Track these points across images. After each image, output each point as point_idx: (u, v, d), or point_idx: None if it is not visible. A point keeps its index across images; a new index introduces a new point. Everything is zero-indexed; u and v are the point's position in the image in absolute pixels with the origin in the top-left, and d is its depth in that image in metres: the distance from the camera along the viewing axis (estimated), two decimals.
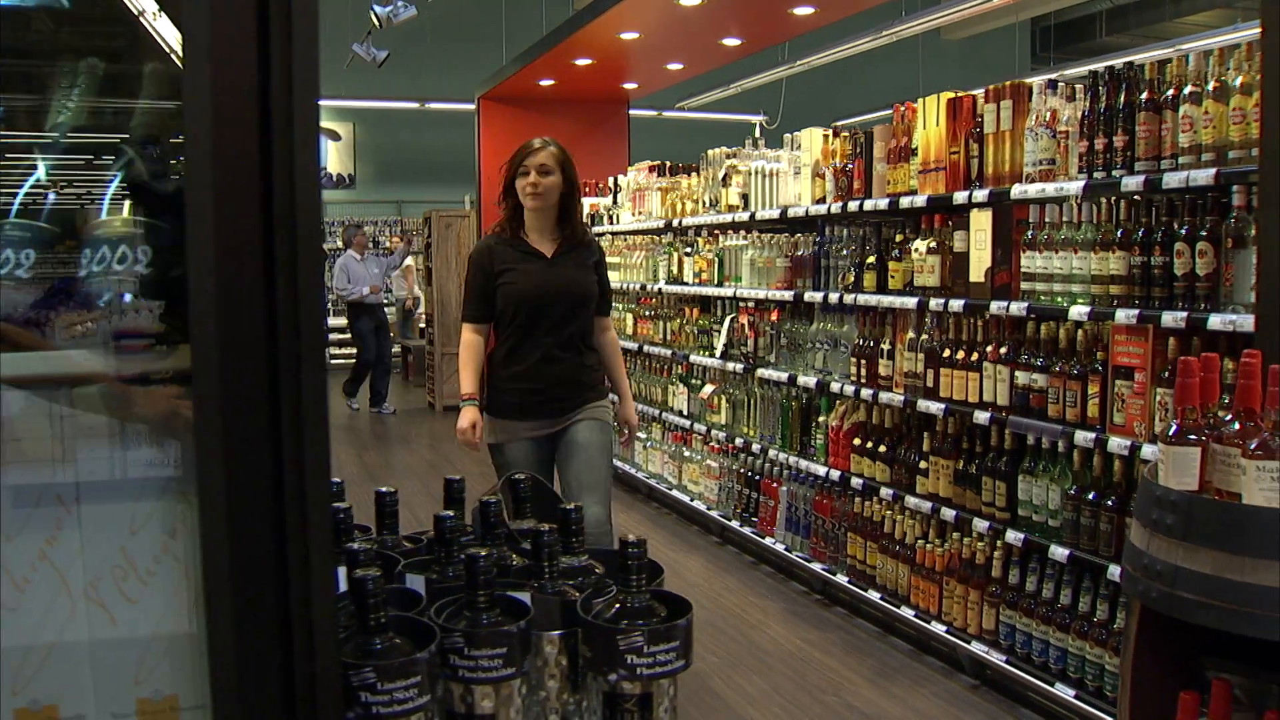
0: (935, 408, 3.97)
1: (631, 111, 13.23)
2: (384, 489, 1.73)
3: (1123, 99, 3.22)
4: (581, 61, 8.49)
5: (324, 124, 15.09)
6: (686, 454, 6.09)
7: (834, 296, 4.59)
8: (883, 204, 4.28)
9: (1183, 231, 3.03)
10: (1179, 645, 2.21)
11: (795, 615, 4.49)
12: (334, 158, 15.21)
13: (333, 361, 14.82)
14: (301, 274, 1.03)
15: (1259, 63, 2.73)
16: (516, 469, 3.19)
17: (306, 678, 1.06)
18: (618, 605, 1.32)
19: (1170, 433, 2.13)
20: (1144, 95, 3.15)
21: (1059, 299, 3.45)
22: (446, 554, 1.48)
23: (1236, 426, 2.08)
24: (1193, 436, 2.10)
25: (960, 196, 3.85)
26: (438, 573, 1.48)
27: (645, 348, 6.68)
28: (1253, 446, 1.98)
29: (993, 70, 14.44)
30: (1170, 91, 3.09)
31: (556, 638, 1.36)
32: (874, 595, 4.27)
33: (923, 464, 4.10)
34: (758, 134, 13.73)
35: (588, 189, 8.07)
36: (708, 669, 3.92)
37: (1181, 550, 2.01)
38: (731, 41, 7.73)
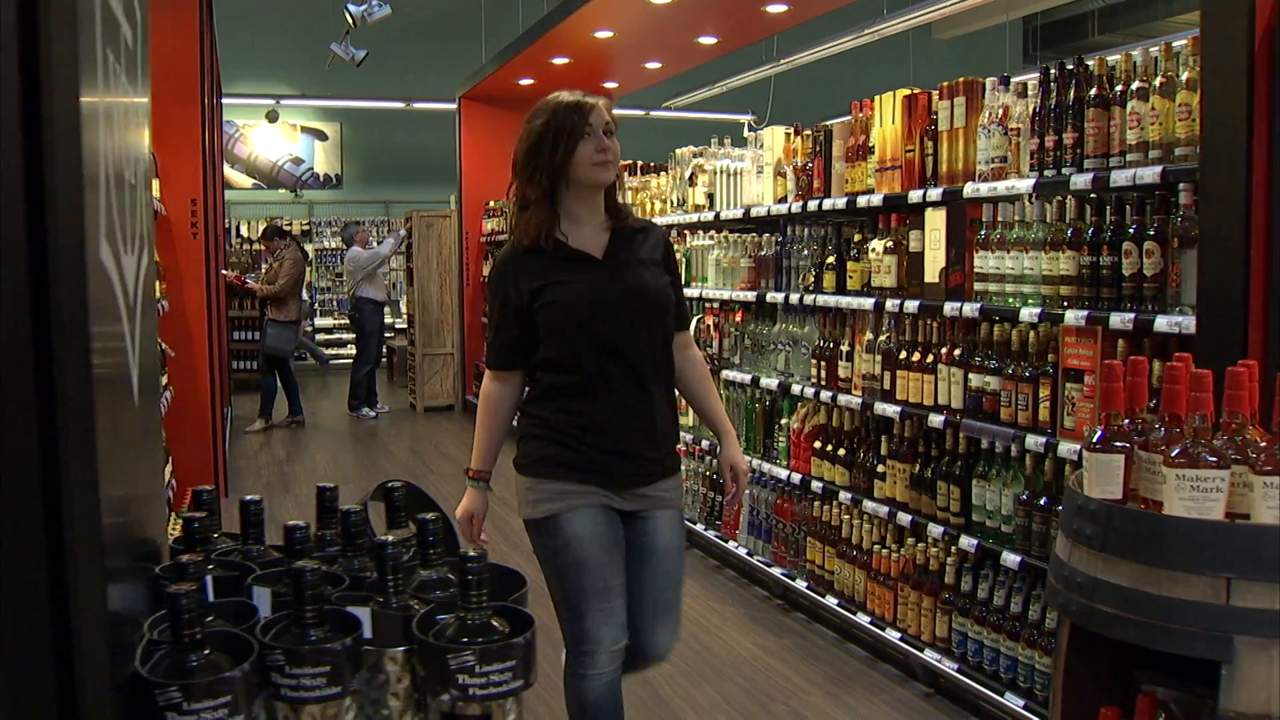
0: (891, 410, 3.89)
1: (617, 111, 13.20)
2: (250, 497, 1.66)
3: (1072, 95, 3.15)
4: (559, 61, 8.43)
5: (310, 124, 15.11)
6: None
7: (795, 297, 4.51)
8: (841, 203, 4.21)
9: (1131, 230, 2.96)
10: (1112, 658, 2.14)
11: (754, 621, 4.41)
12: (321, 158, 15.13)
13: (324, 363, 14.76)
14: (65, 277, 0.96)
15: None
16: (585, 551, 2.38)
17: (84, 695, 0.99)
18: (457, 622, 1.25)
19: (1094, 439, 2.06)
20: (1093, 91, 3.08)
21: (1011, 300, 3.37)
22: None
23: (1162, 433, 2.02)
24: (1117, 443, 2.04)
25: (915, 195, 3.78)
26: (288, 586, 1.41)
27: None
28: (1174, 454, 1.91)
29: (984, 69, 14.21)
30: (1119, 88, 3.02)
31: (400, 655, 1.29)
32: (831, 601, 4.20)
33: (880, 468, 4.02)
34: (747, 133, 13.68)
35: None
36: (658, 676, 3.85)
37: (1101, 562, 1.94)
38: (707, 40, 7.67)
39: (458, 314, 10.49)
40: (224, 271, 9.99)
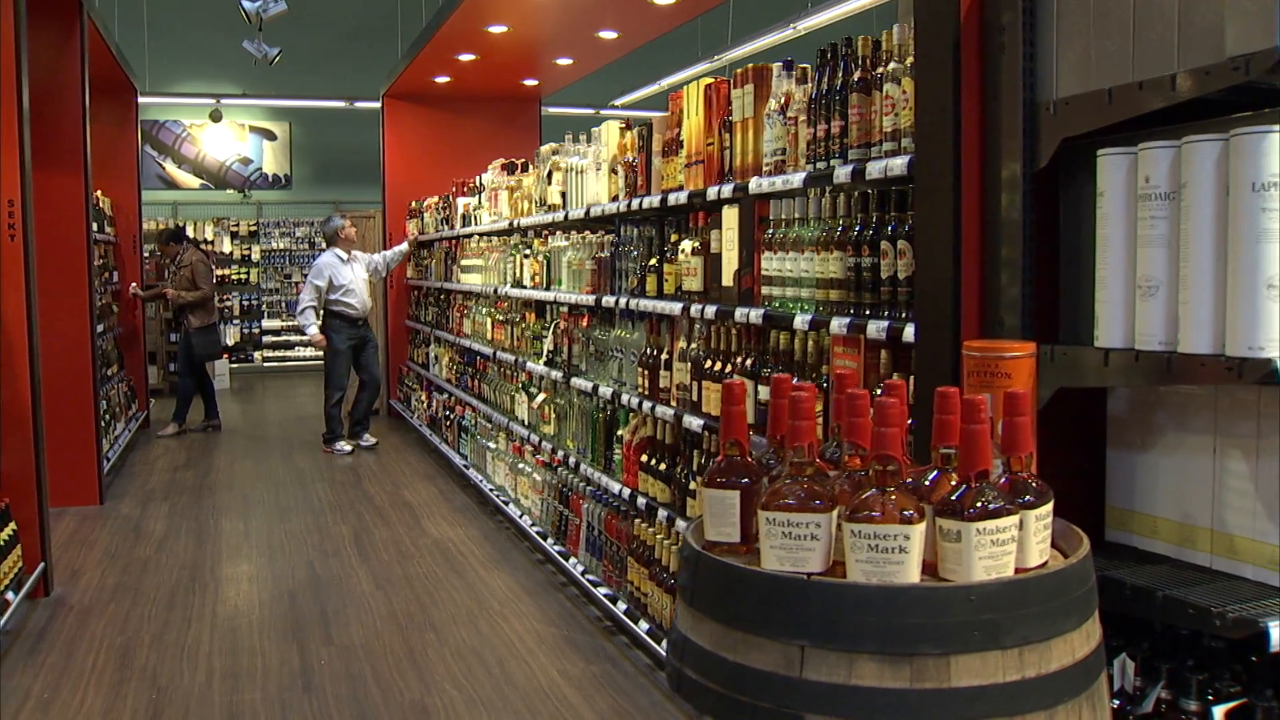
0: (697, 424, 3.61)
1: (569, 110, 12.91)
2: None
3: (840, 80, 2.86)
4: (466, 57, 8.16)
5: (259, 123, 14.82)
6: (520, 466, 5.74)
7: (624, 301, 4.24)
8: (655, 201, 3.93)
9: (889, 229, 2.67)
10: None
11: (572, 645, 4.13)
12: (270, 158, 14.88)
13: (266, 364, 14.51)
14: None
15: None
16: None
17: None
18: None
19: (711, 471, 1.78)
20: (856, 75, 2.79)
21: (790, 305, 3.09)
22: None
23: (787, 468, 1.73)
24: (735, 478, 1.75)
25: (713, 192, 3.50)
26: None
27: (498, 353, 6.34)
28: (769, 492, 1.63)
29: None
30: (880, 70, 2.73)
31: None
32: (644, 627, 3.91)
33: (693, 485, 3.74)
34: None
35: (461, 189, 7.73)
36: (440, 705, 3.57)
37: (691, 618, 1.65)
38: (608, 34, 7.38)
39: (382, 317, 10.22)
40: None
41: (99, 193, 8.77)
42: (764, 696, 1.50)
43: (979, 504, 1.53)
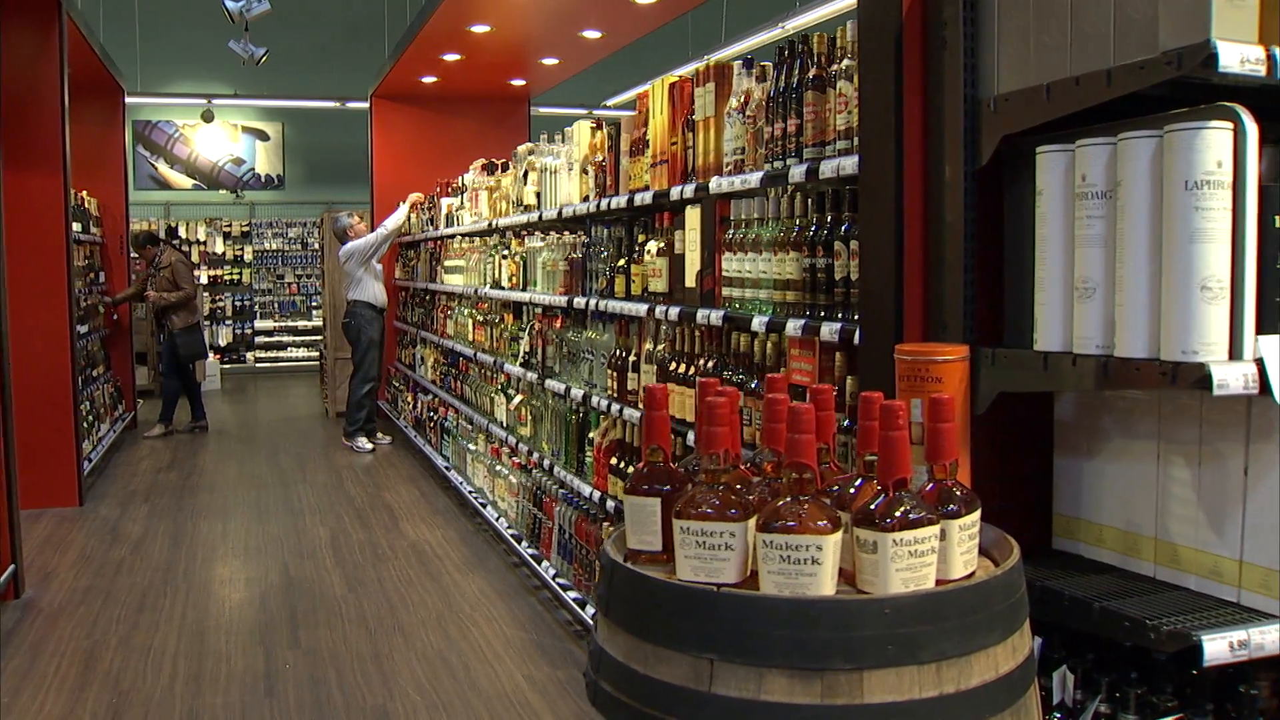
0: None
1: (561, 110, 12.86)
2: None
3: (796, 77, 2.81)
4: (451, 57, 8.12)
5: (252, 124, 14.76)
6: (498, 468, 5.69)
7: (593, 303, 4.19)
8: (623, 201, 3.88)
9: (842, 229, 2.62)
10: None
11: (540, 650, 4.08)
12: (262, 158, 14.84)
13: (259, 365, 14.48)
14: None
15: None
16: None
17: None
18: None
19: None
20: (812, 72, 2.75)
21: (749, 306, 3.04)
22: None
23: (703, 475, 1.68)
24: (657, 485, 1.70)
25: (676, 192, 3.45)
26: None
27: (478, 355, 6.30)
28: (682, 501, 1.58)
29: None
30: (834, 67, 2.69)
31: None
32: None
33: None
34: None
35: (445, 189, 7.69)
36: (401, 710, 3.53)
37: (606, 629, 1.61)
38: (591, 34, 7.33)
39: None
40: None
41: (84, 193, 8.74)
42: (675, 711, 1.46)
43: (897, 513, 1.48)
